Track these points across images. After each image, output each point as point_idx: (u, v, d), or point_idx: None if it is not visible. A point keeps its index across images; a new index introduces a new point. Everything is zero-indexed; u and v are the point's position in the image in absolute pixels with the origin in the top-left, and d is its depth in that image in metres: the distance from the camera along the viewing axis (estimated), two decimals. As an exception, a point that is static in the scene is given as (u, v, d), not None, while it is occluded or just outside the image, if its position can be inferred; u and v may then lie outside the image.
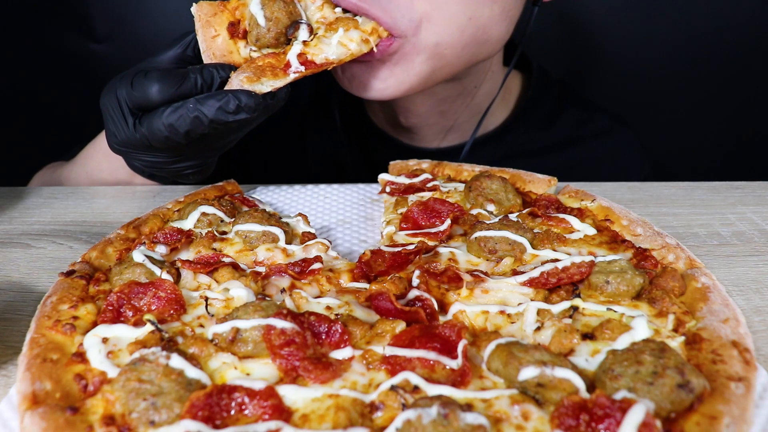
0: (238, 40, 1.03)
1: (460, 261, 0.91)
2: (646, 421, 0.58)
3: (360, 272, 0.88)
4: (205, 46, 1.03)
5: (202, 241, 0.95)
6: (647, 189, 1.25)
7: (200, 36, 1.03)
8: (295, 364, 0.68)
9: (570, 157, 1.59)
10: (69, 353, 0.71)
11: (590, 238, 0.95)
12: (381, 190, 1.17)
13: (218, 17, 1.03)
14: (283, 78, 1.00)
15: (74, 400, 0.65)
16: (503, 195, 1.07)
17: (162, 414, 0.62)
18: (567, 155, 1.59)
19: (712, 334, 0.72)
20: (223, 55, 1.03)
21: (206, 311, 0.79)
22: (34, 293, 0.92)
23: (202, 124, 0.98)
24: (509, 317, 0.79)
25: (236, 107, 0.97)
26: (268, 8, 1.01)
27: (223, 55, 1.03)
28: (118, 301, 0.78)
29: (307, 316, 0.74)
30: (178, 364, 0.66)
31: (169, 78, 0.99)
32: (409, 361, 0.69)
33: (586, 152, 1.61)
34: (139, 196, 1.23)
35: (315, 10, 1.07)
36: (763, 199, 1.19)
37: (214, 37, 1.02)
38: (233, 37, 1.02)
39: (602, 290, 0.82)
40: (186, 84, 0.98)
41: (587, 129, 1.63)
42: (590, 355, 0.71)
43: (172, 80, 0.98)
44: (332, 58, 1.02)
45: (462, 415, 0.59)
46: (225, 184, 1.18)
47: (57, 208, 1.19)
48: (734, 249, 1.02)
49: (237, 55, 1.03)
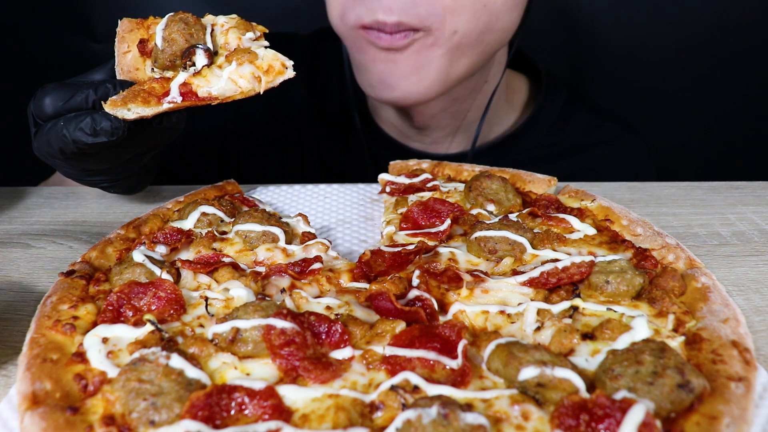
0: (147, 57, 1.01)
1: (460, 261, 0.91)
2: (646, 421, 0.58)
3: (360, 272, 0.88)
4: (117, 61, 1.02)
5: (202, 241, 0.95)
6: (647, 189, 1.25)
7: (116, 51, 1.02)
8: (295, 364, 0.68)
9: (578, 162, 1.59)
10: (69, 353, 0.71)
11: (590, 238, 0.95)
12: (381, 190, 1.17)
13: (133, 33, 1.02)
14: (155, 107, 0.95)
15: (74, 400, 0.65)
16: (503, 195, 1.07)
17: (162, 414, 0.62)
18: (576, 161, 1.59)
19: (712, 334, 0.72)
20: (130, 71, 1.01)
21: (206, 311, 0.79)
22: (34, 293, 0.92)
23: (68, 144, 0.96)
24: (509, 317, 0.79)
25: (93, 130, 0.94)
26: (168, 29, 0.99)
27: (130, 72, 1.01)
28: (118, 301, 0.78)
29: (307, 316, 0.74)
30: (178, 364, 0.66)
31: (61, 91, 0.97)
32: (409, 361, 0.69)
33: (595, 159, 1.60)
34: (139, 196, 1.23)
35: (220, 34, 1.03)
36: (763, 199, 1.19)
37: (125, 53, 1.01)
38: (142, 55, 1.01)
39: (602, 290, 0.82)
40: (76, 98, 0.96)
41: (596, 135, 1.63)
42: (590, 355, 0.71)
43: (63, 94, 0.97)
44: (215, 94, 0.97)
45: (462, 415, 0.59)
46: (225, 184, 1.18)
47: (57, 208, 1.19)
48: (734, 249, 1.02)
49: (142, 73, 1.01)
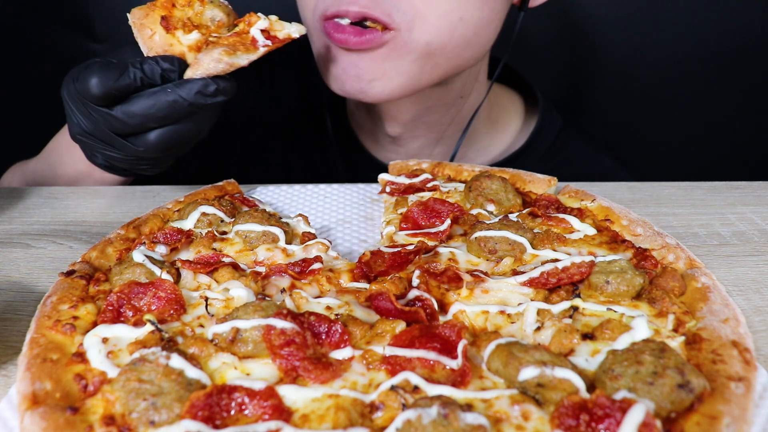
0: (174, 31, 1.03)
1: (460, 261, 0.91)
2: (646, 421, 0.58)
3: (360, 272, 0.88)
4: (147, 49, 1.03)
5: (202, 241, 0.95)
6: (647, 189, 1.25)
7: (140, 40, 1.04)
8: (295, 364, 0.68)
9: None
10: (69, 353, 0.71)
11: (590, 238, 0.95)
12: (381, 190, 1.17)
13: (150, 17, 1.03)
14: (255, 52, 1.02)
15: (74, 400, 0.65)
16: (503, 195, 1.07)
17: (162, 414, 0.62)
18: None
19: (712, 334, 0.72)
20: (165, 50, 1.03)
21: (206, 311, 0.79)
22: (34, 293, 0.92)
23: (181, 108, 0.98)
24: (509, 317, 0.79)
25: (215, 90, 0.98)
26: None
27: (165, 51, 1.03)
28: (118, 301, 0.78)
29: (307, 316, 0.74)
30: (178, 364, 0.66)
31: (108, 71, 0.98)
32: (409, 361, 0.69)
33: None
34: (139, 196, 1.23)
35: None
36: (763, 199, 1.19)
37: (152, 37, 1.02)
38: (169, 31, 1.02)
39: (602, 290, 0.82)
40: (125, 77, 0.98)
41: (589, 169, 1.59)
42: (590, 355, 0.71)
43: (111, 73, 0.98)
44: (294, 35, 1.05)
45: (462, 415, 0.59)
46: (225, 184, 1.18)
47: (57, 208, 1.19)
48: (734, 249, 1.02)
49: (178, 46, 1.03)
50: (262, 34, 1.02)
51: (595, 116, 2.31)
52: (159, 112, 0.99)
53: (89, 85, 0.98)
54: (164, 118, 1.00)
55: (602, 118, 2.30)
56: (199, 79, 0.99)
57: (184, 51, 1.03)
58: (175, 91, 0.98)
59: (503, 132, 1.62)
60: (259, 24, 1.03)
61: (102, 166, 1.17)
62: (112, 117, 1.01)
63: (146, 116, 0.99)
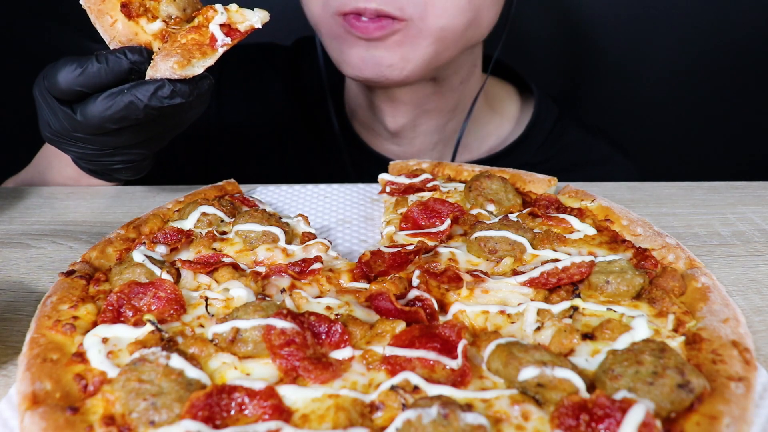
0: (137, 18, 0.98)
1: (460, 261, 0.91)
2: (646, 421, 0.58)
3: (360, 272, 0.88)
4: (109, 37, 0.99)
5: (202, 241, 0.95)
6: (647, 189, 1.25)
7: (99, 28, 0.99)
8: (295, 364, 0.68)
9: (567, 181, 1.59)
10: (69, 353, 0.71)
11: (590, 238, 0.95)
12: (381, 190, 1.17)
13: (108, 3, 0.98)
14: (212, 55, 0.96)
15: (74, 400, 0.65)
16: (503, 195, 1.07)
17: (162, 414, 0.62)
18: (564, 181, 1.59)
19: (712, 334, 0.72)
20: (130, 39, 0.99)
21: (206, 311, 0.79)
22: (34, 293, 0.92)
23: (137, 109, 0.96)
24: (509, 317, 0.79)
25: (171, 92, 0.95)
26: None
27: (130, 40, 0.99)
28: (118, 301, 0.78)
29: (307, 316, 0.74)
30: (178, 364, 0.66)
31: (73, 65, 0.97)
32: (409, 361, 0.69)
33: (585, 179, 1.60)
34: (139, 196, 1.23)
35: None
36: (763, 199, 1.19)
37: (113, 24, 0.98)
38: (131, 18, 0.98)
39: (602, 290, 0.82)
40: (87, 71, 0.96)
41: (587, 155, 1.62)
42: (590, 355, 0.71)
43: (77, 68, 0.97)
44: (257, 26, 0.98)
45: (462, 415, 0.59)
46: (225, 184, 1.18)
47: (57, 208, 1.19)
48: (734, 249, 1.02)
49: (144, 35, 0.99)
50: (221, 30, 0.97)
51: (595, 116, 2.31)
52: (116, 113, 0.97)
53: (54, 81, 0.97)
54: (122, 119, 0.98)
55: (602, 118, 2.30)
56: (155, 81, 0.96)
57: (150, 40, 0.99)
58: (132, 92, 0.96)
59: (502, 117, 1.66)
60: (217, 19, 0.97)
61: (86, 170, 1.16)
62: (71, 117, 1.00)
63: (103, 117, 0.97)
